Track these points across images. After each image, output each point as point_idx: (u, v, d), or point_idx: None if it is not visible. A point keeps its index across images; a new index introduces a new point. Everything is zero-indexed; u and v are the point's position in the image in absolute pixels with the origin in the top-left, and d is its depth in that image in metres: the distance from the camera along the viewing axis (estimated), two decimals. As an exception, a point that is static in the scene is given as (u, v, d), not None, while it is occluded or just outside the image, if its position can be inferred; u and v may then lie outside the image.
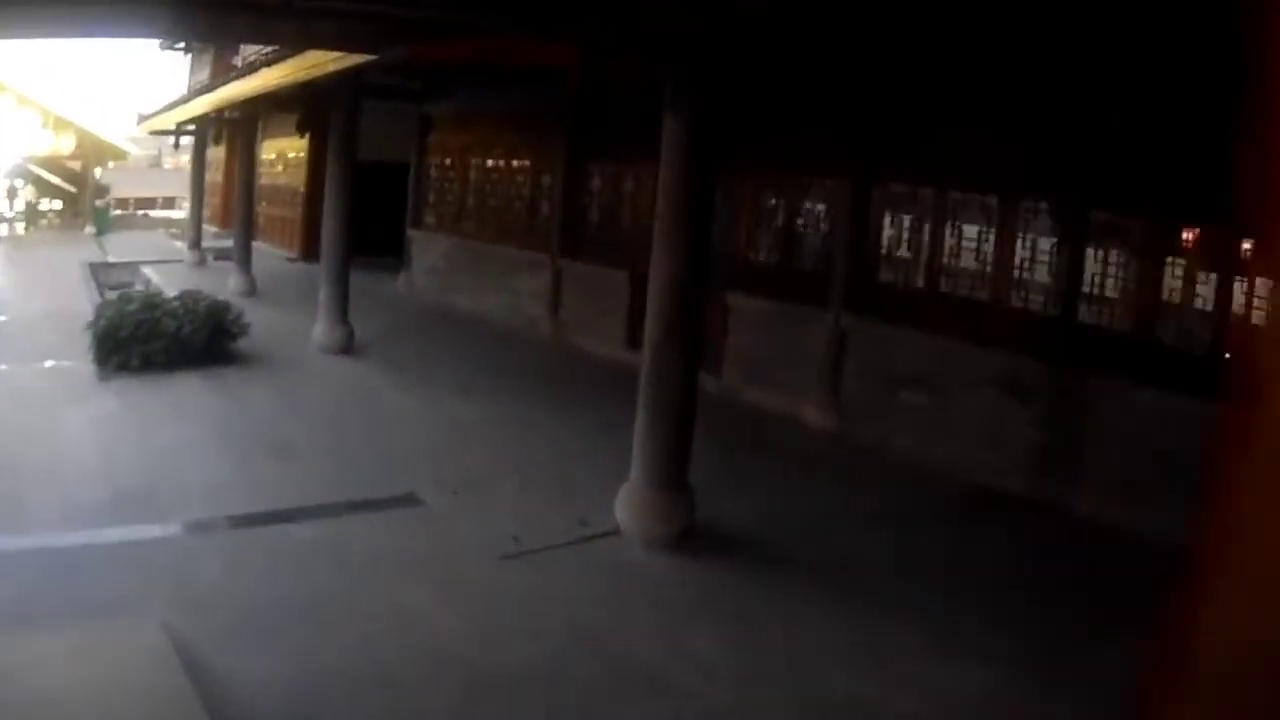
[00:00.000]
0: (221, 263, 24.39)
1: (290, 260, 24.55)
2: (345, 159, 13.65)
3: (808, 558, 7.40)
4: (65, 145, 39.57)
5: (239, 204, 20.04)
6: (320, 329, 13.72)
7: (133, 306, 13.02)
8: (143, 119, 30.40)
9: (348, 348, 13.67)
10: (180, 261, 25.07)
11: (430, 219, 19.62)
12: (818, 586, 6.86)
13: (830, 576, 7.07)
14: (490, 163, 17.90)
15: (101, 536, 7.00)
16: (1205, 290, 8.56)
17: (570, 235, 15.45)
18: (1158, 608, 1.20)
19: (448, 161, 19.11)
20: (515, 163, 17.22)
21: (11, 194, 43.24)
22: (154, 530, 7.30)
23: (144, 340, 12.49)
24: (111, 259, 28.42)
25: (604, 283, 14.46)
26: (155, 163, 59.77)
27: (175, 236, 34.78)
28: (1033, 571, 7.47)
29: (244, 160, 20.20)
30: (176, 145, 33.79)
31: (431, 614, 5.95)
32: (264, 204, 28.28)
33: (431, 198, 19.64)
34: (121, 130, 40.74)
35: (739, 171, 11.77)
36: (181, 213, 47.86)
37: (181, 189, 58.52)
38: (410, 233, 19.91)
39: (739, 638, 5.98)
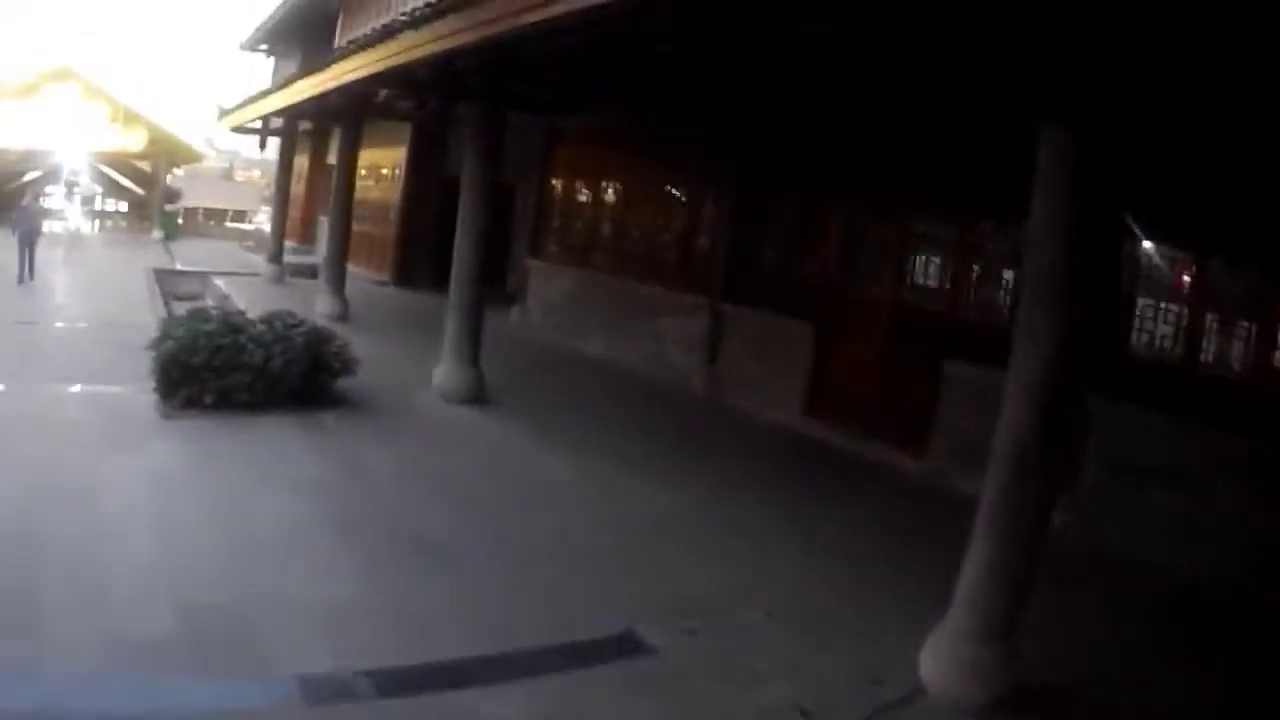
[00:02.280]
0: (301, 280, 23.08)
1: (379, 284, 22.99)
2: (486, 165, 11.73)
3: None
4: (134, 142, 38.95)
5: (334, 217, 18.32)
6: (445, 371, 11.72)
7: (210, 326, 10.97)
8: (224, 113, 28.79)
9: (477, 397, 11.66)
10: (257, 276, 23.78)
11: (553, 248, 17.76)
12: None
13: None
14: (633, 187, 16.04)
15: (159, 699, 4.75)
16: None
17: (737, 276, 13.40)
18: None
19: (578, 183, 17.31)
20: (667, 188, 15.25)
21: (73, 191, 42.55)
22: (249, 694, 4.94)
23: (222, 371, 10.50)
24: (179, 267, 27.75)
25: (779, 335, 12.44)
26: (226, 175, 59.77)
27: (250, 249, 33.62)
28: None
29: (342, 166, 18.49)
30: (262, 146, 32.45)
31: None
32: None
33: (556, 224, 17.81)
34: (196, 133, 39.67)
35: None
36: (252, 227, 47.45)
37: (252, 203, 59.12)
38: (528, 263, 18.07)
39: None
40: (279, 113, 21.99)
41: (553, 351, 15.89)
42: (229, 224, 47.96)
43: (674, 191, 15.06)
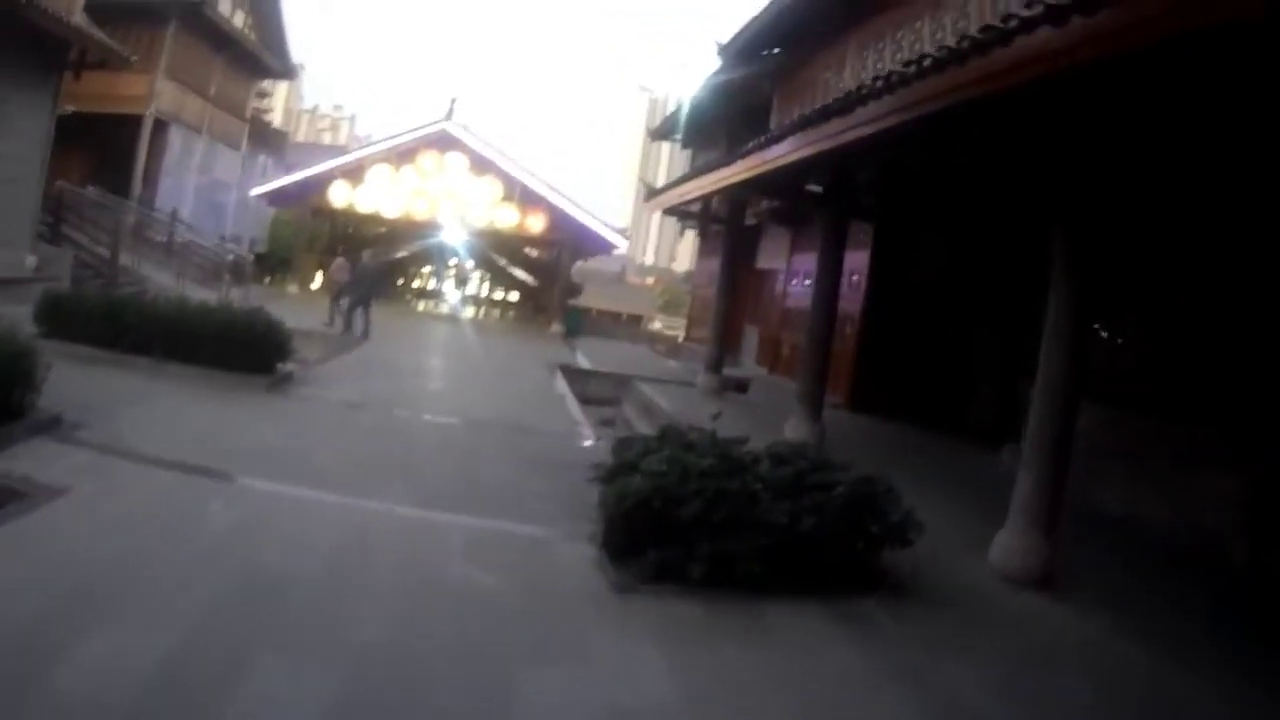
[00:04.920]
0: (730, 395, 23.45)
1: (833, 406, 21.92)
2: (1086, 252, 10.16)
3: None
4: (533, 226, 39.95)
5: (813, 327, 17.56)
6: (1013, 543, 9.92)
7: (704, 461, 8.66)
8: (653, 193, 29.28)
9: (1049, 579, 9.69)
10: (690, 385, 24.14)
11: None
12: None
13: None
14: (1163, 304, 14.82)
15: None
16: None
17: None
18: None
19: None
20: (1210, 309, 13.67)
21: (457, 272, 44.25)
22: None
23: (719, 530, 8.17)
24: (585, 365, 28.57)
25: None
26: (618, 277, 62.91)
27: (662, 354, 34.61)
28: None
29: (825, 267, 17.46)
30: (702, 233, 33.51)
31: None
32: (785, 331, 27.22)
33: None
34: (600, 225, 40.53)
35: None
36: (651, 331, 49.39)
37: (646, 307, 61.51)
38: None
39: None
40: (739, 185, 19.33)
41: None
42: (625, 326, 50.05)
43: (1223, 311, 13.50)
